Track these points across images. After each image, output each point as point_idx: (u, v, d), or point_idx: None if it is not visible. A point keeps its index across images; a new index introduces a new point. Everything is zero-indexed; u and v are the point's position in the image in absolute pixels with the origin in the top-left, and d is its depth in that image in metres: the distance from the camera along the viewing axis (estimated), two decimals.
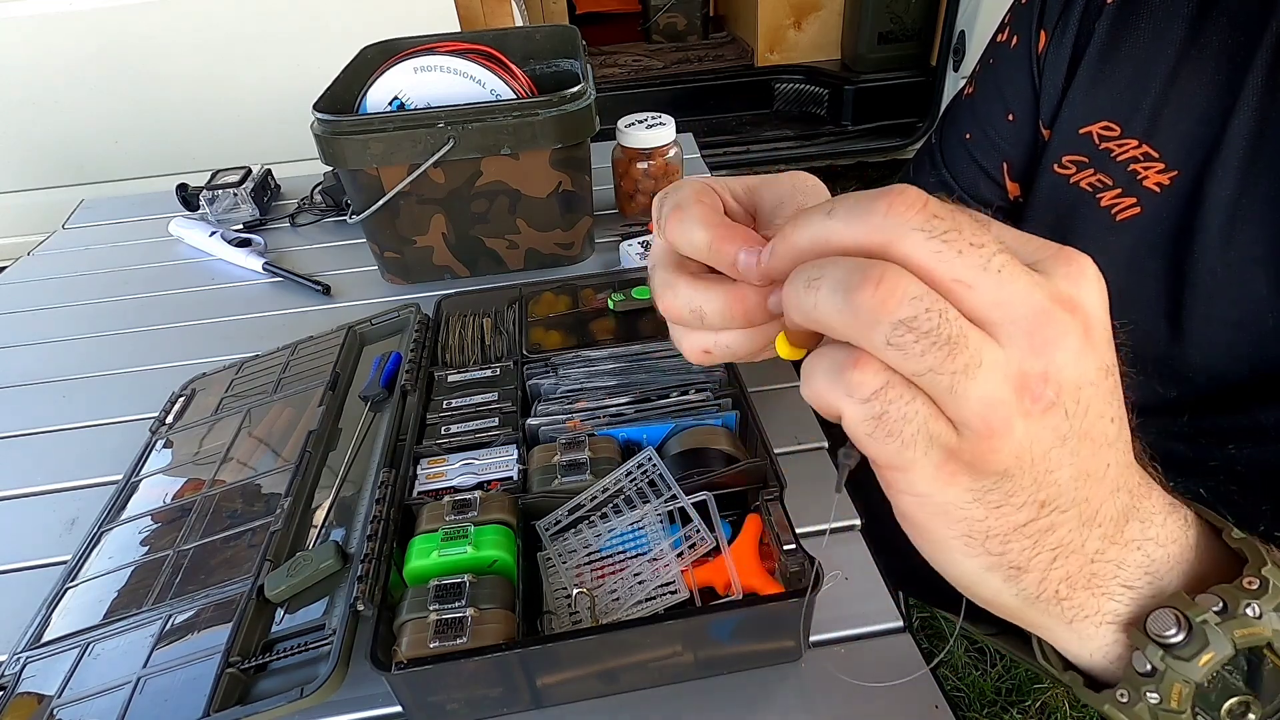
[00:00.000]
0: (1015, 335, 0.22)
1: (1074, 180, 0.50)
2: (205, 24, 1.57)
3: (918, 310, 0.22)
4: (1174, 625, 0.25)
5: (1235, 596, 0.25)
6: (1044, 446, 0.24)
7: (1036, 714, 1.28)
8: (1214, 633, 0.25)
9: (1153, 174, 0.47)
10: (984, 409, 0.22)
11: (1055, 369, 0.23)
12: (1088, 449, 0.25)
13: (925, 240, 0.22)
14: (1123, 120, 0.48)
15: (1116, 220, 0.49)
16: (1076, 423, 0.24)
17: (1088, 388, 0.24)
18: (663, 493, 0.52)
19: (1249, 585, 0.25)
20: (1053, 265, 0.23)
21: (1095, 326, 0.24)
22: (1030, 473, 0.24)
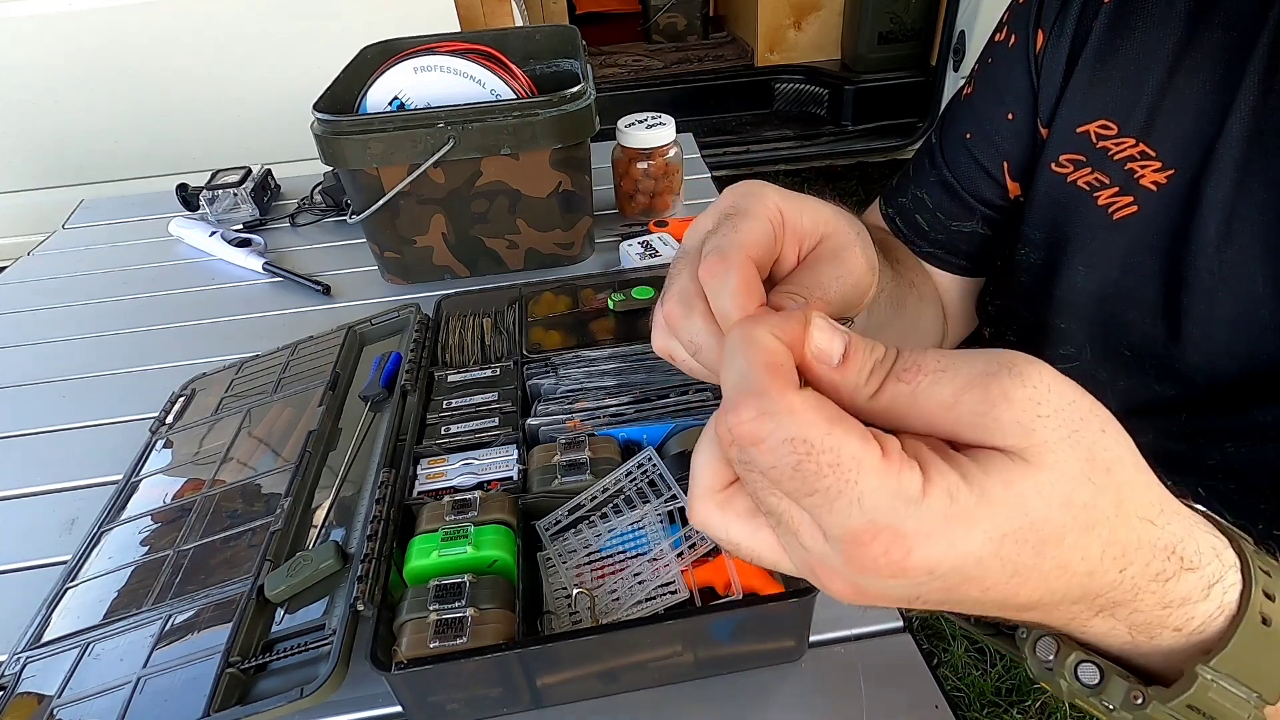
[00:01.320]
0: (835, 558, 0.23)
1: (1071, 179, 0.50)
2: (205, 24, 1.57)
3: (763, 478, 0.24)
4: (1052, 655, 0.27)
5: (1111, 690, 0.26)
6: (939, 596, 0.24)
7: (1036, 714, 1.28)
8: (1057, 687, 0.27)
9: (1150, 173, 0.47)
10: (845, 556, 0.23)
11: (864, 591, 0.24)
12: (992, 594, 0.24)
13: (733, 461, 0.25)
14: (1120, 119, 0.47)
15: (1114, 219, 0.49)
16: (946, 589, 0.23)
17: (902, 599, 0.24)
18: (663, 493, 0.52)
19: (1133, 697, 0.26)
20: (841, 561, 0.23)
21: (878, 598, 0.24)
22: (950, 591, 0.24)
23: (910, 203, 0.61)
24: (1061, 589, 0.24)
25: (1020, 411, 0.22)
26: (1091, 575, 0.23)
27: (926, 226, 0.61)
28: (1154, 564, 0.24)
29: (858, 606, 0.25)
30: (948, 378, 0.23)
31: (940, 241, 0.61)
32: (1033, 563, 0.22)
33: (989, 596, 0.23)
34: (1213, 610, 0.26)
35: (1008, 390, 0.22)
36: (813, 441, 0.22)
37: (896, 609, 0.50)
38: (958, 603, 0.24)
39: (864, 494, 0.22)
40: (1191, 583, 0.25)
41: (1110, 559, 0.23)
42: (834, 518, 0.22)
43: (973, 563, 0.22)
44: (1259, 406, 0.46)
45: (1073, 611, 0.25)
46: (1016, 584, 0.23)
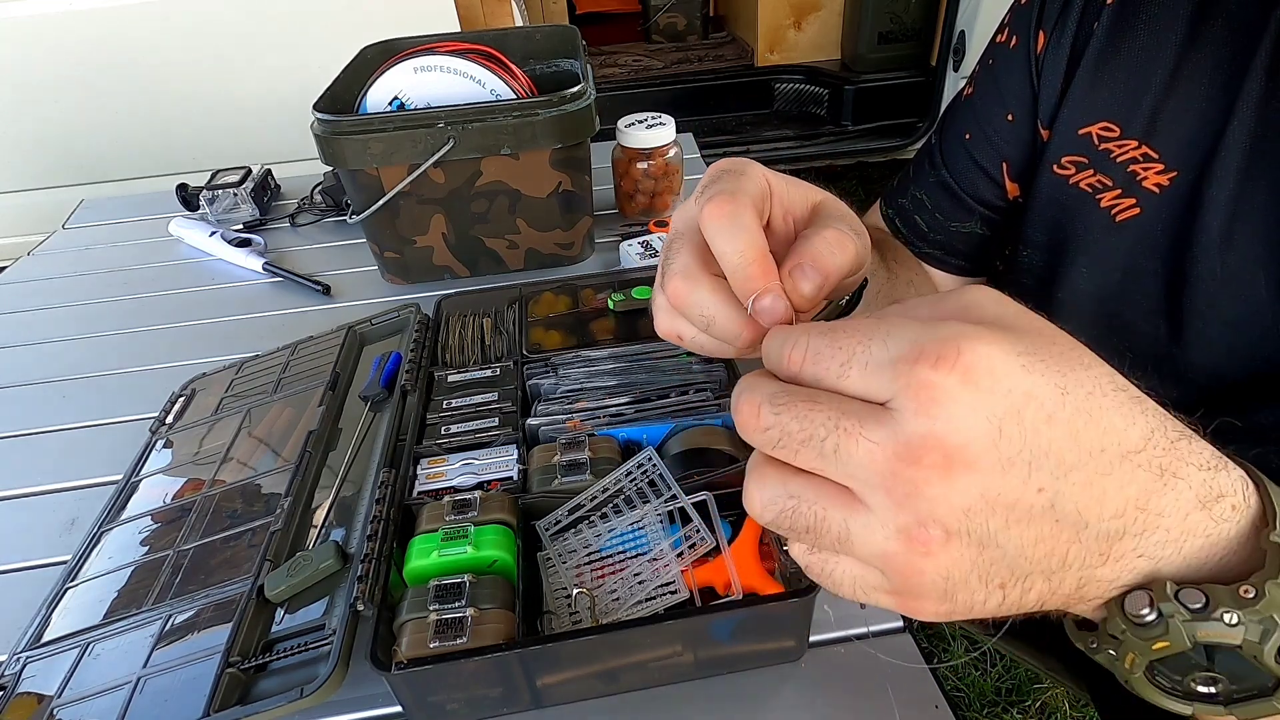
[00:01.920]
0: (874, 499, 0.24)
1: (1073, 181, 0.50)
2: (205, 24, 1.57)
3: (772, 514, 0.26)
4: (1147, 606, 0.26)
5: (1220, 599, 0.25)
6: (965, 564, 0.24)
7: (1036, 714, 1.28)
8: (1175, 628, 0.25)
9: (1152, 175, 0.47)
10: (881, 562, 0.25)
11: (927, 514, 0.23)
12: (1018, 531, 0.24)
13: (771, 449, 0.26)
14: (1122, 121, 0.47)
15: (1116, 221, 0.49)
16: (986, 528, 0.24)
17: (978, 505, 0.23)
18: (663, 493, 0.52)
19: (1244, 593, 0.25)
20: (905, 401, 0.23)
21: (959, 452, 0.23)
22: (968, 580, 0.25)
23: (910, 203, 0.62)
24: (1111, 426, 0.24)
25: (990, 294, 0.26)
26: (1122, 411, 0.24)
27: (926, 227, 0.61)
28: (1165, 420, 0.25)
29: (856, 607, 0.26)
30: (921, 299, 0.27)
31: (940, 242, 0.61)
32: (1063, 378, 0.24)
33: (1064, 444, 0.23)
34: (1239, 480, 0.26)
35: (976, 287, 0.26)
36: (832, 327, 0.25)
37: None
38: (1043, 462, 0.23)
39: (890, 331, 0.24)
40: (1203, 447, 0.26)
41: (1124, 397, 0.25)
42: (873, 367, 0.24)
43: (1020, 369, 0.23)
44: (1261, 408, 0.46)
45: (1143, 479, 0.25)
46: (1071, 409, 0.23)
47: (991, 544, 0.24)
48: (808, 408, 0.25)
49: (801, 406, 0.25)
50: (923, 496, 0.23)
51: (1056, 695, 1.29)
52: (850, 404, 0.24)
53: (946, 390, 0.22)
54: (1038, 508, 0.24)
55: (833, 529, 0.25)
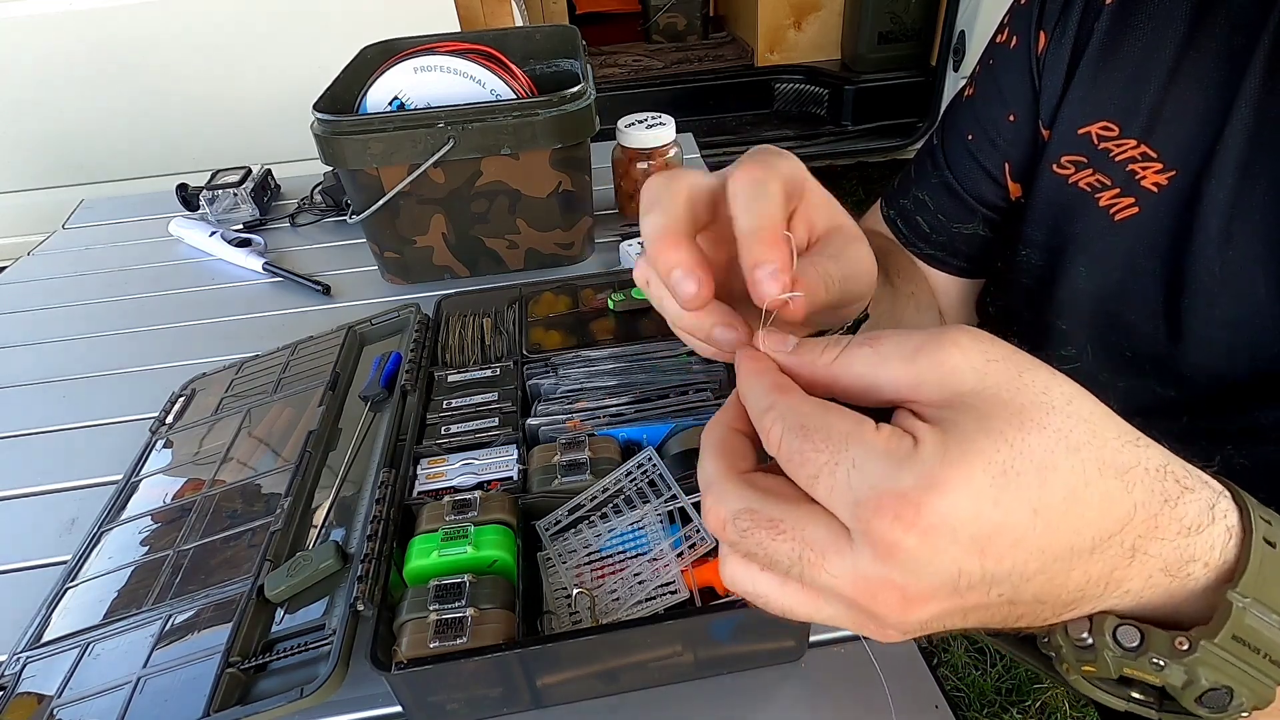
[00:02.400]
0: (837, 608, 0.26)
1: (1072, 180, 0.50)
2: (205, 24, 1.57)
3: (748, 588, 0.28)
4: (1086, 632, 0.26)
5: (1155, 644, 0.25)
6: (924, 631, 0.25)
7: (1036, 714, 1.28)
8: (1103, 660, 0.26)
9: (1151, 174, 0.47)
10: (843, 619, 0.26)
11: (886, 628, 0.25)
12: (976, 617, 0.25)
13: (737, 563, 0.27)
14: (1121, 120, 0.47)
15: (1115, 220, 0.49)
16: (943, 626, 0.25)
17: (934, 620, 0.24)
18: (663, 493, 0.52)
19: (1178, 645, 0.25)
20: (862, 544, 0.24)
21: (916, 594, 0.24)
22: (946, 624, 0.25)
23: (911, 204, 0.61)
24: (1086, 523, 0.24)
25: (973, 359, 0.25)
26: (1104, 501, 0.24)
27: (927, 228, 0.61)
28: (1155, 485, 0.25)
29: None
30: (907, 334, 0.26)
31: (941, 243, 0.61)
32: (1039, 493, 0.23)
33: (1028, 559, 0.23)
34: (1222, 535, 0.26)
35: (957, 342, 0.25)
36: (807, 424, 0.25)
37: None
38: (1000, 577, 0.24)
39: (856, 460, 0.24)
40: (1194, 504, 0.26)
41: (1111, 477, 0.24)
42: (843, 493, 0.24)
43: (989, 505, 0.23)
44: (1260, 408, 0.46)
45: (1111, 559, 0.25)
46: (1042, 526, 0.23)
47: (947, 627, 0.25)
48: (770, 535, 0.25)
49: (764, 534, 0.26)
50: (881, 619, 0.24)
51: (1056, 695, 1.29)
52: (814, 529, 0.25)
53: (904, 548, 0.23)
54: (995, 604, 0.25)
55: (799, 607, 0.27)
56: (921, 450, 0.23)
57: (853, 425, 0.25)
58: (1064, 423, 0.24)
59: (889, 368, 0.26)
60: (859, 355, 0.26)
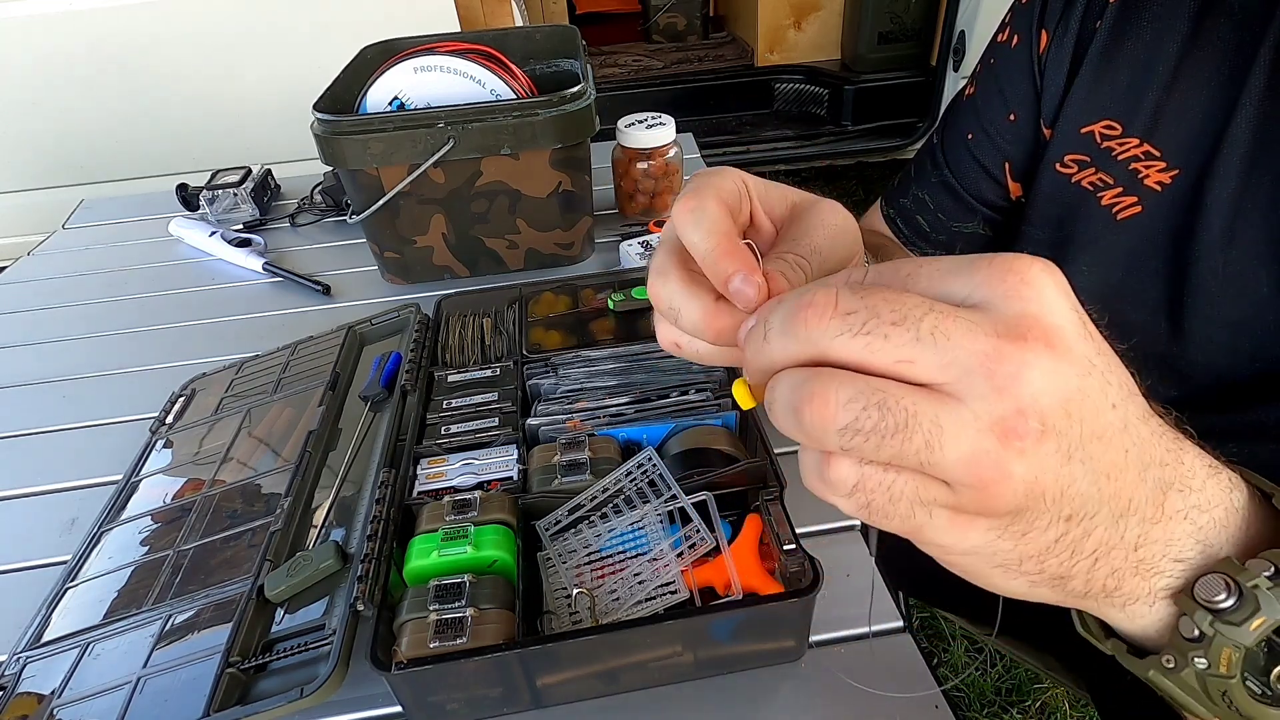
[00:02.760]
0: (974, 387, 0.22)
1: (1075, 179, 0.50)
2: (205, 24, 1.57)
3: (854, 413, 0.22)
4: (1223, 590, 0.25)
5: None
6: (1051, 473, 0.23)
7: (1036, 714, 1.28)
8: (1265, 597, 0.25)
9: (1154, 173, 0.47)
10: (968, 468, 0.23)
11: (1030, 400, 0.22)
12: (1098, 449, 0.24)
13: (850, 340, 0.23)
14: (1124, 119, 0.47)
15: (1117, 219, 0.49)
16: (1075, 434, 0.23)
17: (1075, 396, 0.23)
18: (663, 493, 0.52)
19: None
20: (990, 291, 0.23)
21: (1058, 333, 0.22)
22: (1045, 499, 0.24)
23: (911, 203, 0.61)
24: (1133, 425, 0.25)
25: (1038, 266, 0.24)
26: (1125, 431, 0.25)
27: (928, 227, 0.61)
28: (1163, 431, 0.26)
29: (856, 607, 0.25)
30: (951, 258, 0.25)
31: (941, 242, 0.61)
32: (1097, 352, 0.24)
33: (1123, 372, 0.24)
34: (1225, 484, 0.27)
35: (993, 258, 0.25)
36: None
37: (896, 610, 0.50)
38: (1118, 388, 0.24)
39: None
40: (1196, 454, 0.27)
41: (1128, 394, 0.25)
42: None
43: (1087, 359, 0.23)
44: (1262, 406, 0.46)
45: (1153, 481, 0.25)
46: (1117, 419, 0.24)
47: (1076, 457, 0.23)
48: (896, 294, 0.23)
49: (889, 293, 0.23)
50: (1025, 380, 0.22)
51: (1056, 695, 1.29)
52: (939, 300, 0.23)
53: (1035, 277, 0.23)
54: (1114, 426, 0.24)
55: (924, 425, 0.22)
56: None
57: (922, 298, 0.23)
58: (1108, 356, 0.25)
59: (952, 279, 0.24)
60: (922, 272, 0.25)
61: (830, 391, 0.23)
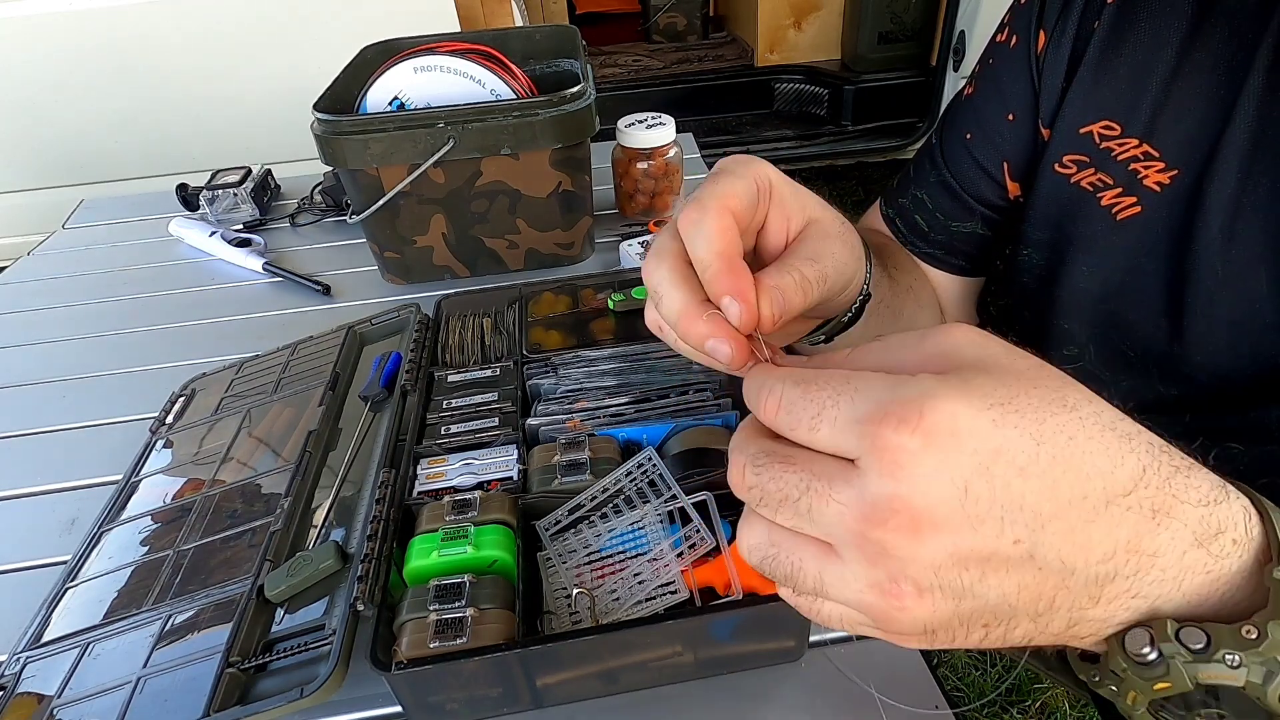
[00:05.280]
0: (848, 554, 0.25)
1: (1074, 180, 0.50)
2: (205, 24, 1.57)
3: (759, 559, 0.27)
4: (1148, 645, 0.25)
5: (1222, 639, 0.25)
6: (944, 614, 0.24)
7: (1036, 714, 1.28)
8: (1176, 669, 0.25)
9: (1153, 173, 0.47)
10: (859, 613, 0.26)
11: (898, 571, 0.24)
12: (997, 581, 0.24)
13: (756, 506, 0.27)
14: (1123, 120, 0.47)
15: (1117, 220, 0.49)
16: (962, 582, 0.24)
17: (948, 562, 0.23)
18: (663, 493, 0.52)
19: (1245, 634, 0.25)
20: (868, 461, 0.24)
21: (926, 516, 0.23)
22: (949, 625, 0.25)
23: (910, 203, 0.61)
24: (1094, 469, 0.24)
25: (972, 336, 0.26)
26: (1107, 452, 0.24)
27: (926, 227, 0.61)
28: (1159, 454, 0.25)
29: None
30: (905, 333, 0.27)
31: (940, 242, 0.61)
32: (1039, 428, 0.23)
33: (1039, 495, 0.23)
34: (1240, 512, 0.26)
35: (958, 327, 0.26)
36: (804, 376, 0.26)
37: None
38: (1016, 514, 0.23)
39: (858, 388, 0.25)
40: (1205, 478, 0.26)
41: (1111, 435, 0.24)
42: (841, 422, 0.24)
43: (989, 424, 0.23)
44: (1262, 406, 0.46)
45: (1134, 521, 0.24)
46: (1047, 458, 0.23)
47: (968, 595, 0.24)
48: (783, 469, 0.26)
49: (777, 468, 0.26)
50: (891, 556, 0.24)
51: (1056, 695, 1.29)
52: (822, 463, 0.25)
53: (909, 453, 0.23)
54: (1015, 558, 0.24)
55: (809, 578, 0.26)
56: (921, 376, 0.24)
57: (850, 371, 0.26)
58: (1060, 387, 0.25)
59: (896, 355, 0.26)
60: (869, 348, 0.27)
61: (742, 539, 0.28)
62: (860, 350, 0.28)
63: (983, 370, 0.25)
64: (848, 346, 0.29)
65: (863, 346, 0.28)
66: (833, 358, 0.28)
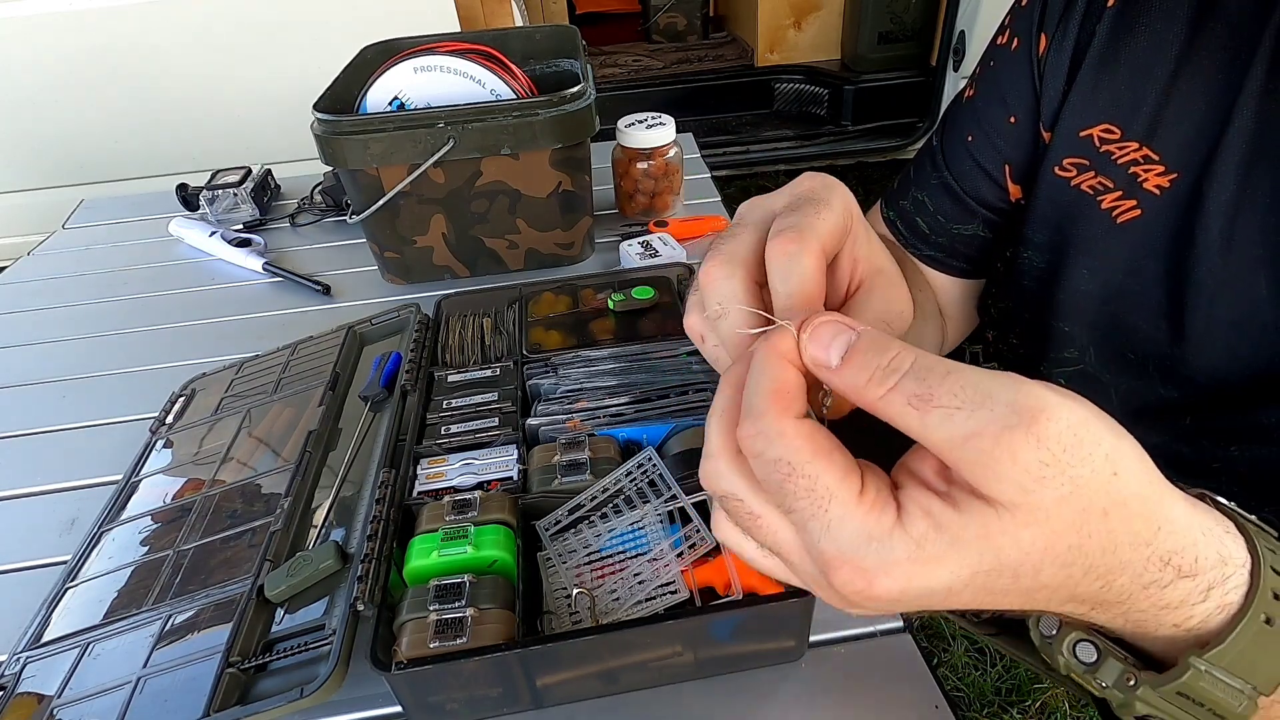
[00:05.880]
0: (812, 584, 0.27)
1: (1075, 183, 0.50)
2: (205, 24, 1.57)
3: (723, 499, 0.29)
4: (1054, 629, 0.28)
5: (1107, 670, 0.27)
6: (913, 605, 0.25)
7: (1036, 714, 1.28)
8: (1056, 661, 0.28)
9: (1153, 176, 0.47)
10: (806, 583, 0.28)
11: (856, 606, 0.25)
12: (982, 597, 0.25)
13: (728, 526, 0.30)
14: (1123, 123, 0.47)
15: (1117, 222, 0.49)
16: (928, 603, 0.25)
17: (902, 601, 0.25)
18: (663, 492, 0.52)
19: (1126, 680, 0.27)
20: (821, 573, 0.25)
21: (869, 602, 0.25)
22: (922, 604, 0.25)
23: (911, 205, 0.61)
24: (1044, 600, 0.25)
25: (1023, 474, 0.22)
26: (1075, 588, 0.25)
27: (927, 229, 0.61)
28: (1145, 575, 0.25)
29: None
30: (961, 417, 0.22)
31: (941, 244, 0.61)
32: (1009, 587, 0.24)
33: (968, 607, 0.25)
34: (1211, 609, 0.26)
35: (1016, 450, 0.22)
36: (795, 465, 0.24)
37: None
38: (940, 609, 0.25)
39: (832, 523, 0.24)
40: (1187, 588, 0.26)
41: (1094, 578, 0.24)
42: (808, 538, 0.25)
43: (940, 591, 0.24)
44: (1263, 408, 0.46)
45: (1065, 608, 0.26)
46: (993, 600, 0.25)
47: (947, 603, 0.25)
48: (752, 522, 0.27)
49: (747, 519, 0.27)
50: (846, 599, 0.25)
51: (1056, 695, 1.29)
52: (786, 537, 0.26)
53: (854, 603, 0.25)
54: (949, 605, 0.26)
55: (771, 538, 0.27)
56: (895, 536, 0.23)
57: (838, 482, 0.24)
58: (1078, 542, 0.23)
59: (930, 440, 0.23)
60: (904, 414, 0.24)
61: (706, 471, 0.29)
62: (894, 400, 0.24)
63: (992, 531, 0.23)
64: None
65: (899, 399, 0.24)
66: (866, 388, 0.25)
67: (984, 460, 0.22)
